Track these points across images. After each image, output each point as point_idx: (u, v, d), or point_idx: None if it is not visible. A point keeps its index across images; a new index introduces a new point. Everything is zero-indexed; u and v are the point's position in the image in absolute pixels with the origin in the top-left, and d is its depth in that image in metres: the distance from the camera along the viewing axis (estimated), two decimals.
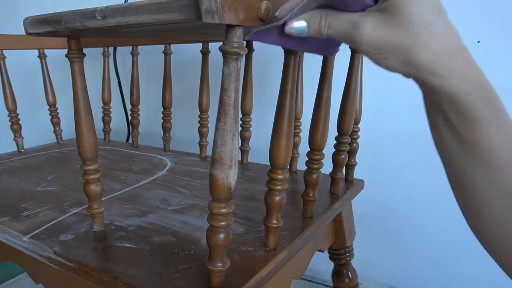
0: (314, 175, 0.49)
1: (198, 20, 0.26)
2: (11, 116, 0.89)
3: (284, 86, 0.37)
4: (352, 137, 0.62)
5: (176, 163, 0.80)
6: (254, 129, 0.78)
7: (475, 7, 0.66)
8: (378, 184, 0.81)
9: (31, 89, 1.20)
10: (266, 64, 0.89)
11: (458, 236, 0.76)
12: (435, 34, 0.27)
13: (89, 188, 0.47)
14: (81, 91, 0.43)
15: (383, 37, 0.28)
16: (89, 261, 0.42)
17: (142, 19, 0.29)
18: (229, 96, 0.29)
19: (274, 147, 0.39)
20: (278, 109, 0.38)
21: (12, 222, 0.52)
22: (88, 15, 0.33)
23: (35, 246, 0.47)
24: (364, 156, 0.71)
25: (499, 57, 0.66)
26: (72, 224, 0.52)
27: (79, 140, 0.44)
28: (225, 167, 0.31)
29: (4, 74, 0.87)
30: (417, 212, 0.79)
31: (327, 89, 0.45)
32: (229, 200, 0.33)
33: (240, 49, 0.28)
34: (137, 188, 0.65)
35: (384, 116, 0.79)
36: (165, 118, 0.88)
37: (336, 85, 0.48)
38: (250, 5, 0.27)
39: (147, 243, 0.46)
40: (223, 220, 0.33)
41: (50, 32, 0.38)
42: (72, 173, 0.74)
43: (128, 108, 1.03)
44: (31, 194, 0.63)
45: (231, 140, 0.30)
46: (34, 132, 1.16)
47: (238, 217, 0.52)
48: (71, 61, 0.42)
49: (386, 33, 0.28)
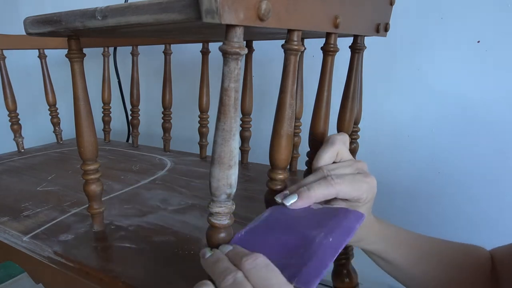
0: None
1: (198, 20, 0.26)
2: (11, 116, 0.89)
3: (284, 86, 0.37)
4: (352, 137, 0.62)
5: (176, 163, 0.80)
6: (254, 129, 0.78)
7: (475, 7, 0.66)
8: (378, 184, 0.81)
9: (31, 89, 1.20)
10: (266, 64, 0.89)
11: (458, 236, 0.76)
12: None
13: (89, 188, 0.47)
14: (81, 91, 0.43)
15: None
16: (89, 261, 0.42)
17: (142, 19, 0.29)
18: (229, 96, 0.29)
19: (274, 147, 0.38)
20: (278, 109, 0.38)
21: (12, 222, 0.52)
22: (88, 15, 0.33)
23: (35, 246, 0.47)
24: (364, 156, 0.71)
25: (499, 57, 0.66)
26: (72, 224, 0.52)
27: (79, 140, 0.44)
28: (225, 167, 0.31)
29: (4, 74, 0.87)
30: (417, 212, 0.79)
31: (327, 89, 0.45)
32: (229, 200, 0.33)
33: (240, 49, 0.28)
34: (137, 188, 0.65)
35: (384, 116, 0.79)
36: (165, 118, 0.88)
37: (336, 85, 0.48)
38: (250, 5, 0.27)
39: (147, 243, 0.46)
40: (223, 220, 0.33)
41: (50, 32, 0.38)
42: (72, 173, 0.74)
43: (128, 108, 1.03)
44: (31, 194, 0.63)
45: (231, 140, 0.30)
46: (34, 132, 1.16)
47: (238, 217, 0.52)
48: (71, 61, 0.42)
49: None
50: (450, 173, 0.74)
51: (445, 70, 0.71)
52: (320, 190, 0.35)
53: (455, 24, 0.68)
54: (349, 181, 0.35)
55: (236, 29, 0.28)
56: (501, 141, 0.68)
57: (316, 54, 0.54)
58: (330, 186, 0.35)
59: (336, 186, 0.35)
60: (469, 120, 0.70)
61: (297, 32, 0.35)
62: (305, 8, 0.34)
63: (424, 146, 0.76)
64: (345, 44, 0.53)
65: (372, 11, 0.49)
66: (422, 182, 0.77)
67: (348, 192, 0.35)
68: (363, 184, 0.36)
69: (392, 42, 0.71)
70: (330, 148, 0.38)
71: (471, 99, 0.69)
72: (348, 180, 0.36)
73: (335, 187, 0.35)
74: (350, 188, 0.35)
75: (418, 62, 0.73)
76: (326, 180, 0.35)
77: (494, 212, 0.71)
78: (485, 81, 0.67)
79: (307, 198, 0.35)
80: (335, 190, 0.35)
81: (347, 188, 0.35)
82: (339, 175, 0.36)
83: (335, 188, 0.35)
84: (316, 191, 0.35)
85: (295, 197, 0.35)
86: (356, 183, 0.36)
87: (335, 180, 0.35)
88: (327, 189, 0.35)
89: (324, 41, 0.43)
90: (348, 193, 0.35)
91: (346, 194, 0.35)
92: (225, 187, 0.32)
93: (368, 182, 0.37)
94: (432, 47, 0.71)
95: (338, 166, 0.37)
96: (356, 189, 0.36)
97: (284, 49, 0.36)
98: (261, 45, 0.77)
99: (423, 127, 0.75)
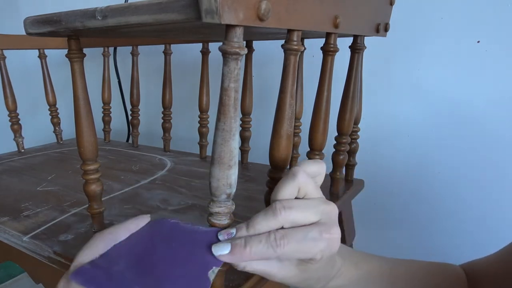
0: None
1: (198, 20, 0.26)
2: (11, 116, 0.89)
3: (284, 86, 0.37)
4: (352, 137, 0.62)
5: (176, 163, 0.80)
6: (254, 129, 0.78)
7: (475, 7, 0.66)
8: (378, 184, 0.81)
9: (31, 89, 1.20)
10: (266, 64, 0.89)
11: (459, 236, 0.76)
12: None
13: (89, 188, 0.47)
14: (81, 91, 0.43)
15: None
16: None
17: (142, 19, 0.29)
18: (229, 96, 0.29)
19: (274, 147, 0.38)
20: (278, 109, 0.38)
21: (12, 222, 0.52)
22: (88, 15, 0.33)
23: (35, 246, 0.47)
24: (364, 156, 0.71)
25: (499, 57, 0.66)
26: (72, 224, 0.52)
27: (79, 140, 0.44)
28: (225, 167, 0.31)
29: (4, 74, 0.87)
30: (417, 212, 0.79)
31: (327, 89, 0.45)
32: (228, 200, 0.33)
33: (240, 49, 0.28)
34: (137, 188, 0.65)
35: (384, 116, 0.79)
36: (165, 118, 0.88)
37: (336, 85, 0.48)
38: (250, 5, 0.27)
39: None
40: (223, 220, 0.33)
41: (50, 32, 0.38)
42: (72, 173, 0.74)
43: (128, 108, 1.03)
44: (31, 194, 0.63)
45: (231, 140, 0.30)
46: (34, 132, 1.16)
47: (238, 217, 0.52)
48: (71, 61, 0.42)
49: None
50: (450, 173, 0.74)
51: (445, 70, 0.71)
52: (257, 250, 0.29)
53: (455, 24, 0.68)
54: (298, 241, 0.29)
55: (236, 29, 0.28)
56: (502, 141, 0.68)
57: (316, 54, 0.54)
58: (270, 247, 0.29)
59: (278, 249, 0.29)
60: (469, 120, 0.70)
61: (297, 32, 0.35)
62: (305, 8, 0.34)
63: (424, 146, 0.76)
64: (345, 44, 0.53)
65: (372, 11, 0.49)
66: (422, 182, 0.77)
67: (293, 255, 0.30)
68: (318, 243, 0.29)
69: (392, 42, 0.71)
70: (290, 182, 0.31)
71: (471, 99, 0.69)
72: (297, 240, 0.29)
73: (276, 250, 0.29)
74: (297, 250, 0.29)
75: (418, 62, 0.73)
76: (268, 238, 0.29)
77: (495, 212, 0.71)
78: (485, 81, 0.67)
79: (240, 256, 0.29)
80: (275, 254, 0.29)
81: (292, 250, 0.29)
82: (284, 234, 0.29)
83: (275, 252, 0.29)
84: (252, 250, 0.29)
85: (227, 248, 0.30)
86: (307, 243, 0.29)
87: (278, 242, 0.29)
88: (267, 251, 0.29)
89: (324, 41, 0.43)
90: (292, 256, 0.30)
91: (289, 257, 0.30)
92: (225, 187, 0.32)
93: (327, 240, 0.30)
94: (432, 47, 0.71)
95: (296, 206, 0.30)
96: (305, 252, 0.30)
97: (284, 49, 0.36)
98: (261, 45, 0.77)
99: (423, 127, 0.75)
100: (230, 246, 0.29)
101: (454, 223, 0.76)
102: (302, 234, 0.29)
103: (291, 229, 0.30)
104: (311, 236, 0.29)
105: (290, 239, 0.29)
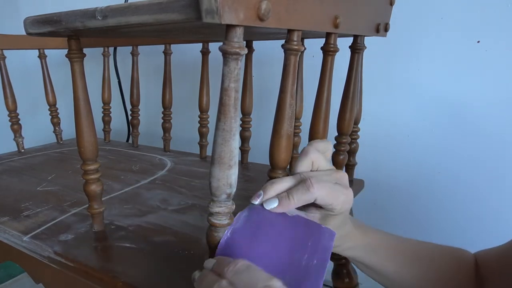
0: None
1: (198, 20, 0.26)
2: (11, 116, 0.89)
3: (284, 86, 0.37)
4: (352, 137, 0.62)
5: (176, 163, 0.80)
6: (254, 129, 0.78)
7: (475, 7, 0.66)
8: (378, 184, 0.81)
9: (31, 89, 1.20)
10: (266, 64, 0.89)
11: (459, 236, 0.76)
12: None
13: (89, 188, 0.47)
14: (81, 91, 0.43)
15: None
16: (89, 261, 0.42)
17: (142, 19, 0.29)
18: (229, 96, 0.29)
19: (274, 147, 0.38)
20: (278, 109, 0.38)
21: (12, 222, 0.52)
22: (88, 15, 0.33)
23: (35, 246, 0.47)
24: (364, 156, 0.71)
25: (499, 57, 0.66)
26: (72, 224, 0.52)
27: (79, 140, 0.44)
28: (225, 167, 0.31)
29: (4, 74, 0.87)
30: (417, 212, 0.79)
31: (327, 89, 0.45)
32: (229, 200, 0.33)
33: (240, 49, 0.28)
34: (137, 188, 0.65)
35: (384, 116, 0.79)
36: (165, 118, 0.88)
37: (336, 85, 0.48)
38: (250, 5, 0.27)
39: (147, 243, 0.46)
40: (223, 220, 0.33)
41: (50, 32, 0.38)
42: (72, 173, 0.74)
43: (128, 108, 1.03)
44: (31, 194, 0.63)
45: (231, 140, 0.30)
46: (34, 132, 1.16)
47: None
48: (71, 61, 0.42)
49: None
50: (450, 173, 0.74)
51: (445, 70, 0.71)
52: (299, 196, 0.34)
53: (455, 24, 0.68)
54: (328, 187, 0.35)
55: (236, 29, 0.28)
56: (502, 141, 0.68)
57: (316, 54, 0.54)
58: (308, 192, 0.34)
59: (315, 191, 0.34)
60: (469, 120, 0.70)
61: (297, 32, 0.35)
62: (305, 8, 0.34)
63: (424, 146, 0.76)
64: (345, 44, 0.53)
65: (372, 11, 0.49)
66: (422, 182, 0.77)
67: (326, 198, 0.35)
68: (340, 195, 0.36)
69: (392, 42, 0.71)
70: (303, 158, 0.37)
71: (471, 99, 0.69)
72: (328, 186, 0.35)
73: (313, 193, 0.34)
74: (328, 195, 0.35)
75: (418, 62, 0.73)
76: (305, 185, 0.35)
77: (495, 212, 0.71)
78: (485, 81, 0.67)
79: (287, 205, 0.35)
80: (313, 196, 0.34)
81: (325, 194, 0.35)
82: (318, 180, 0.35)
83: (313, 194, 0.34)
84: (295, 198, 0.35)
85: (276, 202, 0.35)
86: (334, 192, 0.35)
87: (314, 185, 0.34)
88: (306, 195, 0.34)
89: (324, 41, 0.43)
90: (325, 199, 0.35)
91: (323, 200, 0.35)
92: (225, 187, 0.32)
93: (346, 194, 0.36)
94: (432, 47, 0.71)
95: (316, 174, 0.36)
96: (333, 198, 0.35)
97: (284, 49, 0.36)
98: (261, 45, 0.77)
99: (423, 127, 0.75)
100: (277, 200, 0.35)
101: (454, 222, 0.76)
102: (330, 184, 0.35)
103: (320, 178, 0.35)
104: (336, 188, 0.36)
105: (322, 183, 0.35)
